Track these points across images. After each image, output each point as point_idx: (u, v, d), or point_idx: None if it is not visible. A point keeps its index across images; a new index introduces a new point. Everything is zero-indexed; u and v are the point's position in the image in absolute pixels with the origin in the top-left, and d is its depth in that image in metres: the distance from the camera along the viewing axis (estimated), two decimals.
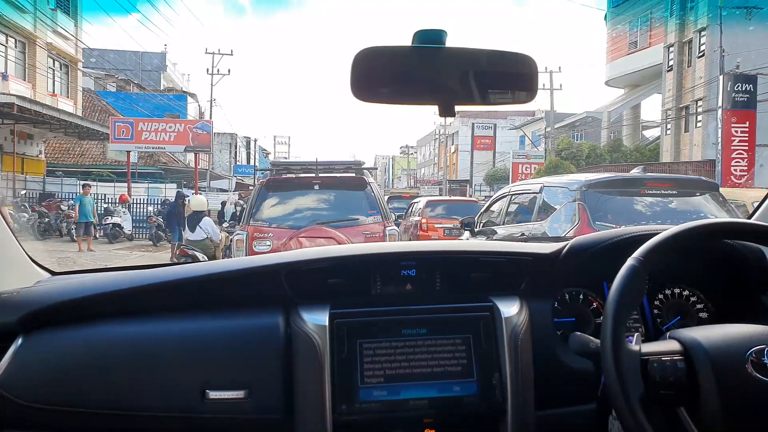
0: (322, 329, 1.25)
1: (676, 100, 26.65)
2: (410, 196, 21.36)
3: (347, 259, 1.45)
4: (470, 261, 1.48)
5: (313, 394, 1.22)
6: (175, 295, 1.37)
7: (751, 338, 1.07)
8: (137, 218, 19.94)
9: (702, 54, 24.88)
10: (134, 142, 22.69)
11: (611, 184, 5.92)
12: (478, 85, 1.14)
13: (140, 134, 22.75)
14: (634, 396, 1.00)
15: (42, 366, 1.23)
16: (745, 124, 19.50)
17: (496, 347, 1.29)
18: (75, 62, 24.60)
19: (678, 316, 1.49)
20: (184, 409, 1.23)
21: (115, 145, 23.02)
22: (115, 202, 20.28)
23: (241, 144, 47.14)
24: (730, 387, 1.02)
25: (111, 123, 22.93)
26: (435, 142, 60.42)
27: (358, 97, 1.12)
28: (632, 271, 1.09)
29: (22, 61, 20.74)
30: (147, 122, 23.45)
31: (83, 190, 16.45)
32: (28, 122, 19.28)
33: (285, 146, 78.55)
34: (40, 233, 16.73)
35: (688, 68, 26.30)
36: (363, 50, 1.10)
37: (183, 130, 23.41)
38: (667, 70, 27.77)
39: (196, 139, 23.23)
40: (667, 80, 27.67)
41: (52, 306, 1.30)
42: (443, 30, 1.11)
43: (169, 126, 23.42)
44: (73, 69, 24.59)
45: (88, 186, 16.91)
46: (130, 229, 18.93)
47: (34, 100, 18.62)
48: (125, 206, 19.61)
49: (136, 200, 21.20)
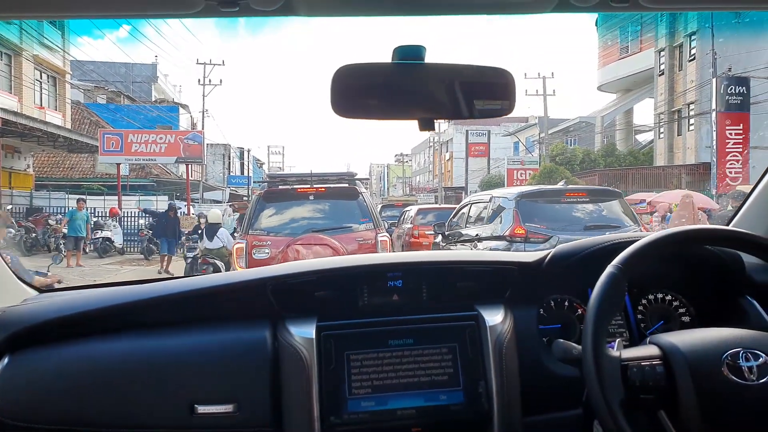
0: (309, 342, 1.26)
1: (669, 104, 26.62)
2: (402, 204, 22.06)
3: (334, 272, 1.45)
4: (455, 271, 1.48)
5: (301, 406, 1.23)
6: (163, 311, 1.36)
7: (727, 342, 1.09)
8: (128, 231, 19.60)
9: (693, 58, 24.88)
10: (124, 154, 22.41)
11: (538, 195, 7.78)
12: (457, 99, 1.15)
13: (130, 146, 22.50)
14: (614, 401, 1.01)
15: (29, 385, 1.23)
16: (739, 126, 19.41)
17: (481, 356, 1.30)
18: (63, 74, 24.40)
19: (661, 320, 1.51)
20: (173, 424, 1.23)
21: (104, 158, 22.73)
22: (105, 215, 20.00)
23: (235, 155, 46.93)
24: (708, 390, 1.04)
25: (100, 135, 22.68)
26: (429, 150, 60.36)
27: (338, 113, 1.12)
28: (611, 278, 1.11)
29: (7, 73, 20.49)
30: (137, 134, 23.25)
31: (77, 204, 16.21)
32: (15, 136, 18.99)
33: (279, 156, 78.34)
34: (26, 249, 16.35)
35: (679, 72, 26.31)
36: (342, 67, 1.11)
37: (174, 141, 23.20)
38: (658, 74, 27.77)
39: (188, 150, 23.02)
40: (659, 84, 27.66)
41: (39, 325, 1.29)
42: (422, 46, 1.12)
43: (159, 137, 23.21)
44: (60, 81, 24.38)
45: (82, 201, 16.69)
46: (121, 242, 18.58)
47: (21, 113, 18.39)
48: (115, 219, 19.33)
49: (127, 213, 20.88)
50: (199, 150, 23.45)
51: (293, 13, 1.06)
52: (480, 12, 1.19)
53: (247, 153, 48.36)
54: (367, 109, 1.16)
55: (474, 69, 1.17)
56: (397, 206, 21.96)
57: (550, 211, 7.49)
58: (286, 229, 7.24)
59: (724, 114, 19.38)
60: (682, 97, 25.73)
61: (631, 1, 1.05)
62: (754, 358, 1.06)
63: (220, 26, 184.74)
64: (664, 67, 27.28)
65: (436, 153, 55.55)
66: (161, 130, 24.66)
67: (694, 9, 1.21)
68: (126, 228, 19.78)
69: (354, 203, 7.53)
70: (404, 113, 1.19)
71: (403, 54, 1.12)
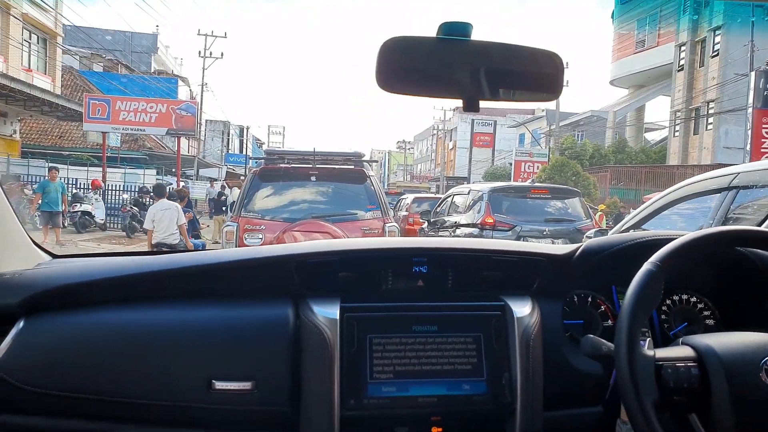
0: (332, 323, 1.24)
1: (687, 101, 25.63)
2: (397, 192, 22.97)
3: (359, 253, 1.44)
4: (482, 259, 1.46)
5: (321, 387, 1.22)
6: (182, 283, 1.34)
7: (765, 347, 1.07)
8: (113, 206, 18.21)
9: (716, 53, 23.89)
10: (111, 122, 20.79)
11: (507, 190, 8.96)
12: (503, 81, 1.14)
13: (118, 114, 20.87)
14: (648, 401, 1.00)
15: (43, 350, 1.21)
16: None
17: (506, 347, 1.29)
18: (54, 36, 23.04)
19: (684, 322, 1.48)
20: (189, 399, 1.22)
21: (89, 125, 21.15)
22: (86, 187, 18.54)
23: (234, 132, 46.06)
24: (743, 395, 1.02)
25: (85, 100, 20.99)
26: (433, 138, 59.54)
27: (382, 87, 1.11)
28: (649, 275, 1.09)
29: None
30: (126, 101, 21.55)
31: (50, 174, 14.12)
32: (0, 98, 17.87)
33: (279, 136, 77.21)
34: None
35: (700, 68, 25.35)
36: (389, 40, 1.10)
37: (165, 111, 21.55)
38: (677, 69, 26.81)
39: (180, 122, 21.38)
40: (678, 80, 26.67)
41: (54, 290, 1.27)
42: (469, 23, 1.10)
43: (150, 106, 21.53)
44: (51, 44, 23.11)
45: (55, 170, 14.56)
46: (103, 218, 17.17)
47: (5, 73, 17.24)
48: (98, 192, 17.91)
49: (112, 186, 19.54)
50: (192, 122, 21.87)
51: None
52: None
53: (246, 131, 47.27)
54: (413, 85, 1.13)
55: (522, 50, 1.14)
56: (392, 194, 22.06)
57: (517, 204, 8.56)
58: (283, 213, 6.51)
59: (761, 111, 18.01)
60: (701, 95, 24.74)
61: None
62: None
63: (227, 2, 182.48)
64: (684, 63, 26.26)
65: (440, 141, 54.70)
66: (153, 99, 23.10)
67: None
68: (110, 203, 18.47)
69: (361, 187, 6.76)
70: (449, 92, 1.17)
71: (449, 30, 1.09)
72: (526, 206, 8.55)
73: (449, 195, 10.43)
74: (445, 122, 51.78)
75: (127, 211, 16.08)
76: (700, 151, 24.81)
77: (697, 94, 25.23)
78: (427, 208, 12.50)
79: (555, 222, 8.32)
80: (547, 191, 9.06)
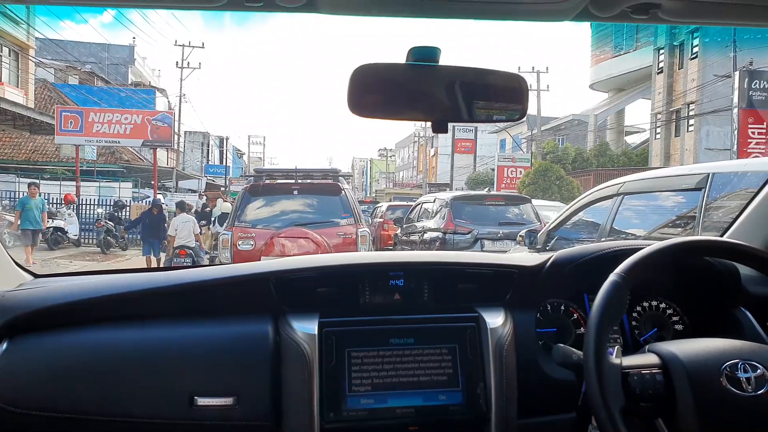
0: (311, 337, 1.27)
1: (667, 104, 25.70)
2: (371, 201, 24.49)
3: (336, 269, 1.47)
4: (457, 272, 1.50)
5: (301, 401, 1.24)
6: (163, 302, 1.36)
7: (726, 353, 1.10)
8: (88, 221, 17.60)
9: (695, 56, 23.99)
10: (84, 134, 20.01)
11: (468, 198, 10.27)
12: (471, 102, 1.17)
13: (91, 126, 20.09)
14: (615, 408, 1.02)
15: (27, 371, 1.22)
16: (762, 125, 18.04)
17: (481, 357, 1.32)
18: (26, 49, 22.45)
19: (654, 327, 1.52)
20: (172, 415, 1.23)
21: (62, 138, 20.31)
22: (59, 202, 17.82)
23: (214, 143, 45.49)
24: (706, 400, 1.05)
25: (57, 112, 20.20)
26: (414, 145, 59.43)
27: (354, 112, 1.14)
28: (614, 286, 1.12)
29: None
30: (99, 112, 20.83)
31: (30, 190, 13.20)
32: None
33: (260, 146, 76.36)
34: None
35: (680, 70, 25.43)
36: (360, 67, 1.13)
37: (141, 122, 20.85)
38: (657, 72, 26.89)
39: (156, 133, 20.75)
40: (657, 83, 26.76)
41: (38, 311, 1.28)
42: (437, 48, 1.13)
43: (125, 117, 20.81)
44: (24, 57, 22.50)
45: (35, 186, 13.60)
46: (77, 233, 16.58)
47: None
48: (71, 207, 17.29)
49: (85, 201, 18.91)
50: (169, 133, 21.21)
51: (316, 11, 1.09)
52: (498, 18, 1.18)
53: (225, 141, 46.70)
54: (383, 109, 1.17)
55: (488, 73, 1.19)
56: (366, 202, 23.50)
57: (476, 210, 9.70)
58: (271, 222, 7.55)
59: (747, 111, 18.02)
60: (681, 97, 24.82)
61: (651, 13, 1.09)
62: (752, 370, 1.07)
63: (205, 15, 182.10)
64: (663, 65, 26.35)
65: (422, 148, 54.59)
66: (127, 110, 22.38)
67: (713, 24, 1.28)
68: (85, 217, 17.89)
69: (337, 199, 7.85)
70: (419, 114, 1.20)
71: (418, 55, 1.13)
72: (483, 212, 9.71)
73: (419, 203, 11.69)
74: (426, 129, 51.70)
75: (102, 226, 15.52)
76: (682, 153, 24.86)
77: (677, 96, 25.31)
78: (400, 215, 13.60)
79: (508, 225, 9.21)
80: (501, 198, 10.53)
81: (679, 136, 25.44)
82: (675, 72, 25.71)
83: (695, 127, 24.16)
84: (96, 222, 16.53)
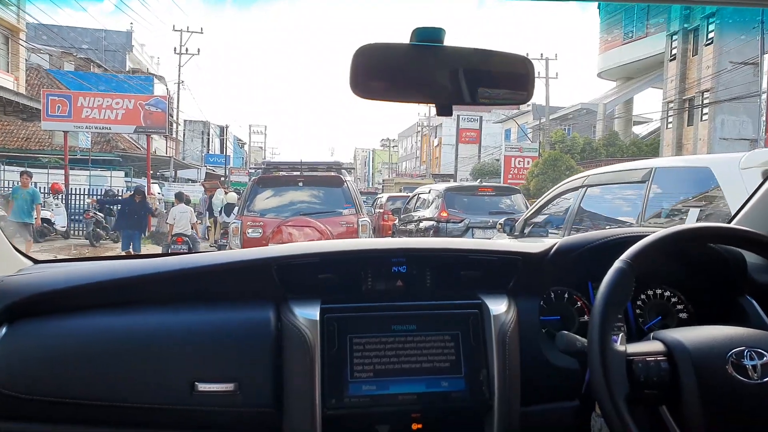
0: (313, 324, 1.27)
1: (680, 92, 24.89)
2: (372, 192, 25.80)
3: (338, 255, 1.47)
4: (460, 259, 1.49)
5: (302, 387, 1.24)
6: (164, 287, 1.36)
7: (732, 340, 1.09)
8: (77, 211, 16.80)
9: (710, 41, 23.14)
10: (73, 120, 18.77)
11: (459, 189, 11.12)
12: (475, 85, 1.16)
13: (80, 111, 18.82)
14: (619, 395, 1.02)
15: (27, 356, 1.22)
16: None
17: (484, 344, 1.32)
18: (16, 32, 21.66)
19: (659, 316, 1.51)
20: (173, 401, 1.23)
21: (48, 123, 19.13)
22: (47, 192, 16.83)
23: (214, 132, 44.87)
24: (711, 387, 1.05)
25: (43, 96, 18.95)
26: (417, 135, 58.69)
27: (356, 93, 1.13)
28: (620, 273, 1.12)
29: None
30: (89, 97, 19.48)
31: (21, 179, 12.08)
32: None
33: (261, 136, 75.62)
34: None
35: (694, 57, 24.58)
36: (362, 47, 1.11)
37: (133, 107, 19.53)
38: (669, 59, 26.04)
39: (149, 119, 19.47)
40: (670, 70, 25.92)
41: (37, 296, 1.29)
42: (442, 28, 1.12)
43: (116, 102, 19.44)
44: (14, 41, 21.72)
45: (27, 174, 12.32)
46: (65, 225, 15.78)
47: None
48: (58, 197, 16.44)
49: (75, 190, 18.03)
50: (162, 118, 19.86)
51: None
52: None
53: (225, 130, 46.00)
54: (387, 91, 1.16)
55: (493, 55, 1.18)
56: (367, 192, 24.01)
57: (468, 201, 10.32)
58: (278, 212, 8.04)
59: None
60: (695, 85, 24.01)
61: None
62: (758, 357, 1.07)
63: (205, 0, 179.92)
64: (676, 52, 25.50)
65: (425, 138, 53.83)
66: (118, 94, 20.99)
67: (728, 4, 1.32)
68: (74, 208, 17.07)
69: (339, 190, 8.36)
70: (423, 96, 1.21)
71: (422, 35, 1.11)
72: (475, 202, 10.31)
73: (416, 194, 12.30)
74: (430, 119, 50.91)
75: (91, 217, 14.63)
76: (695, 143, 24.10)
77: (690, 84, 24.49)
78: (399, 205, 14.22)
79: (498, 214, 9.24)
80: (492, 189, 11.23)
81: (693, 125, 24.66)
82: (689, 59, 24.89)
83: (709, 116, 23.39)
84: (84, 213, 15.65)
